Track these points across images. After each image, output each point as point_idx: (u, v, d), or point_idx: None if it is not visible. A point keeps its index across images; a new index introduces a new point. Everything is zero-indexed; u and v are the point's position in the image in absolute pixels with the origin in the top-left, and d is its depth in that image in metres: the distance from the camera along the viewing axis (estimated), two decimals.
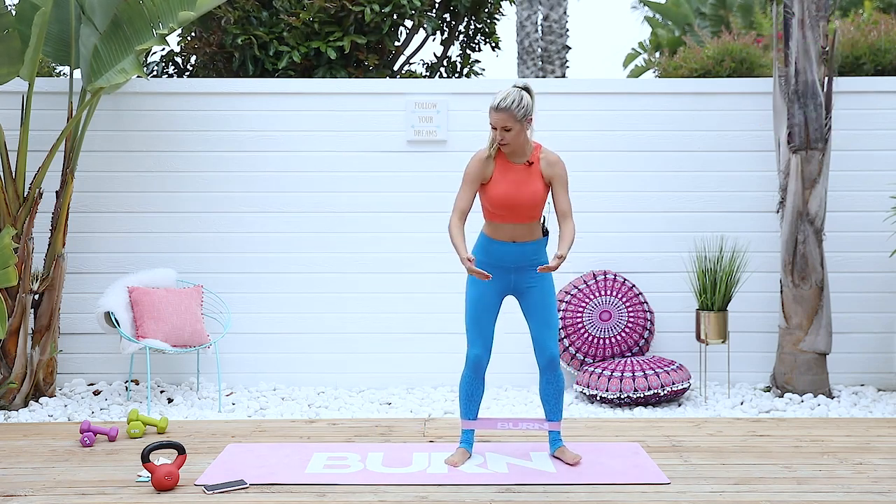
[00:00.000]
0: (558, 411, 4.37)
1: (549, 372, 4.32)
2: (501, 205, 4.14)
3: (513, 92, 4.06)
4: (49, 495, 3.87)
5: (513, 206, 4.13)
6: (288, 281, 6.26)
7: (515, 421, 4.40)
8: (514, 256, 4.20)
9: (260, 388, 6.14)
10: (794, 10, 5.88)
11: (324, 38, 6.89)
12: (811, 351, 5.85)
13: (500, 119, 4.05)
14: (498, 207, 4.15)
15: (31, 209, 5.63)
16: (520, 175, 4.16)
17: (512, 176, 4.15)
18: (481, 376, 4.31)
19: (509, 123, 4.05)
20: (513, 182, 4.14)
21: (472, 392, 4.32)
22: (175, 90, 6.29)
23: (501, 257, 4.21)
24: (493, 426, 4.40)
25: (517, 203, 4.13)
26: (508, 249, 4.20)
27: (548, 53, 13.36)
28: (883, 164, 6.25)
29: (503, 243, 4.20)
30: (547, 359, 4.29)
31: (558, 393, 4.35)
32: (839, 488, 3.95)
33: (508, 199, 4.12)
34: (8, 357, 5.56)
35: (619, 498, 3.84)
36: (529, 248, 4.21)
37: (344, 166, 6.28)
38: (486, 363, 4.30)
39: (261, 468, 4.22)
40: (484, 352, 4.28)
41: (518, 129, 4.07)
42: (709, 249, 6.14)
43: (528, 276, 4.24)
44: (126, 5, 5.66)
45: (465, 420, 4.37)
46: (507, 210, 4.15)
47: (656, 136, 6.31)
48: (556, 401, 4.35)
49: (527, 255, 4.21)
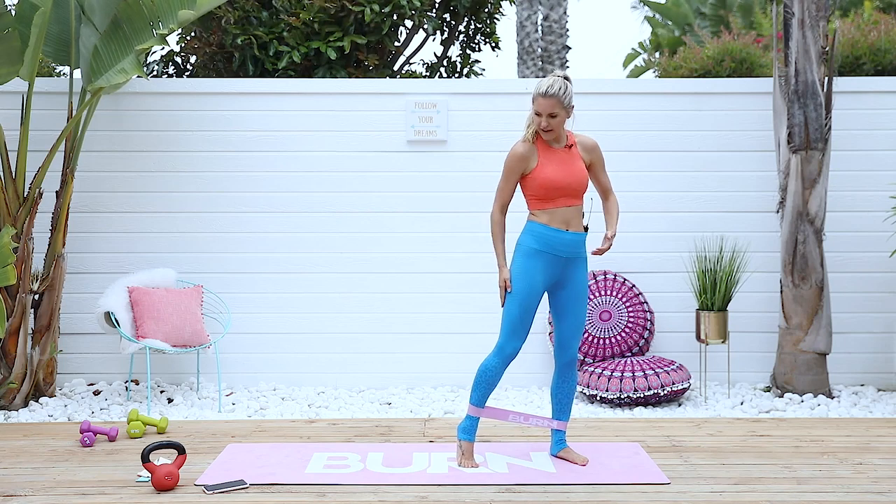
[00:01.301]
0: (567, 411, 4.37)
1: (566, 371, 4.32)
2: (555, 186, 4.16)
3: (558, 80, 4.14)
4: (49, 495, 3.87)
5: (565, 185, 4.17)
6: (288, 281, 6.26)
7: (526, 416, 4.40)
8: (568, 245, 4.20)
9: (260, 388, 6.14)
10: (794, 10, 5.88)
11: (324, 38, 6.89)
12: (811, 351, 5.85)
13: (549, 105, 4.11)
14: (551, 189, 4.17)
15: (31, 209, 5.63)
16: (563, 157, 4.22)
17: (556, 158, 4.21)
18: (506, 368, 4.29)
19: (556, 110, 4.12)
20: (560, 164, 4.19)
21: (493, 381, 4.27)
22: (175, 90, 6.29)
23: (557, 245, 4.19)
24: (504, 417, 4.38)
25: (567, 182, 4.17)
26: (563, 238, 4.19)
27: (548, 53, 13.36)
28: (883, 164, 6.25)
29: (559, 231, 4.19)
30: (568, 359, 4.30)
31: (570, 393, 4.35)
32: (839, 488, 3.95)
33: (560, 179, 4.16)
34: (8, 357, 5.56)
35: (619, 498, 3.84)
36: (580, 239, 4.22)
37: (344, 166, 6.28)
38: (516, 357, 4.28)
39: (261, 468, 4.22)
40: (521, 345, 4.25)
41: (563, 116, 4.16)
42: (709, 249, 6.14)
43: (572, 270, 4.24)
44: (126, 5, 5.66)
45: (477, 407, 4.29)
46: (561, 191, 4.17)
47: (656, 136, 6.31)
48: (567, 401, 4.36)
49: (577, 246, 4.22)
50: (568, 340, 4.29)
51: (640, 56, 17.98)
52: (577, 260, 4.24)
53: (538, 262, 4.19)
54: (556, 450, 4.40)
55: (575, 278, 4.25)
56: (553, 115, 4.12)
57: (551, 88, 4.12)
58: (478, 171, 6.20)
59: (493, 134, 6.24)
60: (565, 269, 4.23)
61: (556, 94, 4.11)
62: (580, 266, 4.25)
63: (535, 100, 4.14)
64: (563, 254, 4.20)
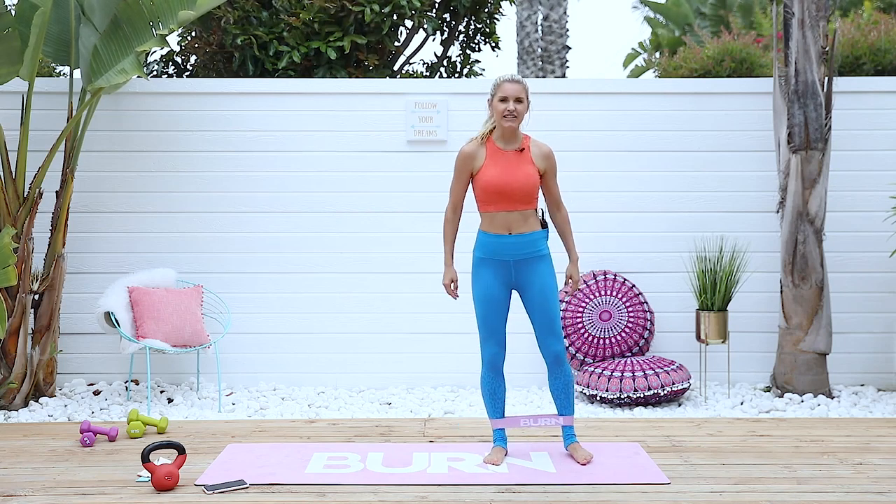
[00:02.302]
0: (569, 405, 4.36)
1: (556, 367, 4.31)
2: (494, 189, 4.16)
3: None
4: (49, 495, 3.87)
5: (506, 190, 4.16)
6: (288, 281, 6.26)
7: (535, 417, 4.42)
8: (512, 248, 4.19)
9: (260, 388, 6.14)
10: (794, 10, 5.88)
11: (324, 38, 6.89)
12: (811, 351, 5.85)
13: (516, 90, 4.16)
14: (490, 193, 4.17)
15: (31, 209, 5.63)
16: (511, 160, 4.20)
17: (503, 162, 4.20)
18: (500, 374, 4.33)
19: (522, 95, 4.17)
20: (504, 167, 4.18)
21: (495, 390, 4.33)
22: (175, 90, 6.29)
23: (499, 250, 4.20)
24: (516, 424, 4.41)
25: (510, 187, 4.15)
26: (506, 241, 4.19)
27: (548, 53, 13.36)
28: (883, 164, 6.25)
29: (500, 236, 4.20)
30: (552, 355, 4.29)
31: (566, 387, 4.34)
32: (839, 488, 3.95)
33: (501, 183, 4.15)
34: (8, 357, 5.56)
35: (619, 498, 3.84)
36: (527, 240, 4.20)
37: (344, 166, 6.28)
38: (502, 360, 4.31)
39: (261, 468, 4.22)
40: (499, 350, 4.28)
41: (525, 106, 4.19)
42: (709, 249, 6.14)
43: (528, 271, 4.22)
44: (126, 5, 5.66)
45: (493, 419, 4.38)
46: (500, 195, 4.17)
47: (656, 136, 6.31)
48: (565, 395, 4.35)
49: (525, 247, 4.20)
50: (544, 338, 4.28)
51: (640, 56, 17.99)
52: (532, 260, 4.22)
53: (486, 269, 4.23)
54: (566, 444, 4.43)
55: (533, 278, 4.23)
56: (519, 100, 4.16)
57: (516, 76, 4.20)
58: None
59: None
60: (519, 271, 4.23)
61: (521, 80, 4.19)
62: (538, 265, 4.23)
63: (500, 86, 4.18)
64: (510, 257, 4.21)
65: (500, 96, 4.17)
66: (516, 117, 4.16)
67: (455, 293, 4.35)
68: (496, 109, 4.19)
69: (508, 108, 4.14)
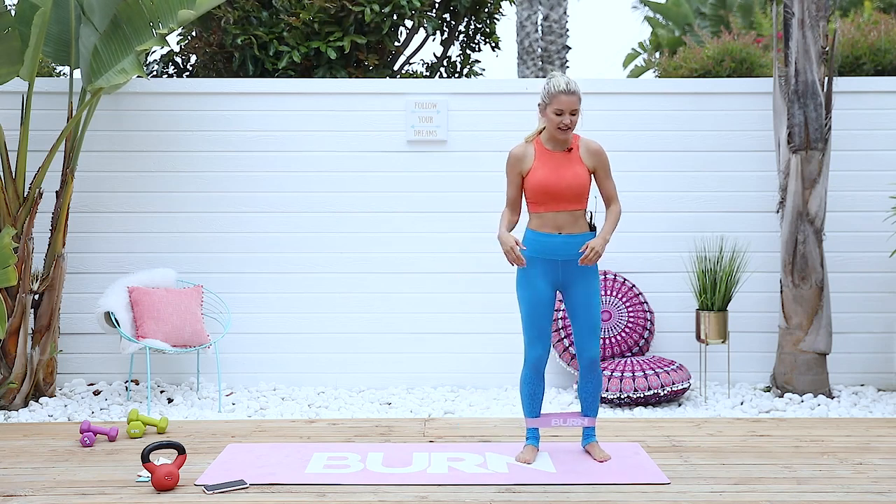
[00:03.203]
0: (593, 409, 4.39)
1: (589, 372, 4.33)
2: (543, 190, 4.14)
3: (570, 77, 4.12)
4: (49, 495, 3.87)
5: (554, 190, 4.14)
6: (288, 281, 6.26)
7: (564, 417, 4.44)
8: (560, 248, 4.18)
9: (260, 388, 6.14)
10: (794, 10, 5.88)
11: (324, 38, 6.89)
12: (811, 351, 5.85)
13: (572, 102, 4.09)
14: (540, 194, 4.16)
15: (31, 209, 5.63)
16: (560, 161, 4.18)
17: (552, 163, 4.18)
18: (541, 375, 4.32)
19: (577, 107, 4.11)
20: (553, 168, 4.16)
21: (534, 391, 4.33)
22: (175, 90, 6.29)
23: (548, 249, 4.19)
24: (547, 424, 4.43)
25: (559, 188, 4.14)
26: (555, 241, 4.18)
27: (548, 53, 13.35)
28: (883, 164, 6.25)
29: (549, 235, 4.18)
30: (587, 360, 4.30)
31: (595, 391, 4.37)
32: (839, 488, 3.95)
33: (550, 184, 4.13)
34: (8, 357, 5.56)
35: (619, 498, 3.84)
36: (577, 241, 4.18)
37: (344, 166, 6.28)
38: (545, 362, 4.31)
39: (261, 468, 4.22)
40: (544, 352, 4.27)
41: (578, 116, 4.14)
42: (709, 249, 6.14)
43: (575, 272, 4.21)
44: (126, 5, 5.66)
45: (530, 419, 4.39)
46: (549, 195, 4.15)
47: (656, 136, 6.31)
48: (592, 398, 4.38)
49: (574, 248, 4.18)
50: (583, 341, 4.28)
51: (640, 56, 17.98)
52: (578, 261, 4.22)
53: (534, 268, 4.21)
54: (584, 443, 4.45)
55: (580, 279, 4.22)
56: (574, 112, 4.10)
57: (573, 85, 4.09)
58: (478, 171, 6.20)
59: (493, 134, 6.24)
60: (566, 272, 4.22)
61: (577, 90, 4.10)
62: (585, 267, 4.21)
63: (556, 97, 4.07)
64: (559, 257, 4.20)
65: (555, 108, 4.09)
66: (570, 129, 4.13)
67: (521, 257, 4.06)
68: (550, 120, 4.13)
69: (564, 121, 4.09)
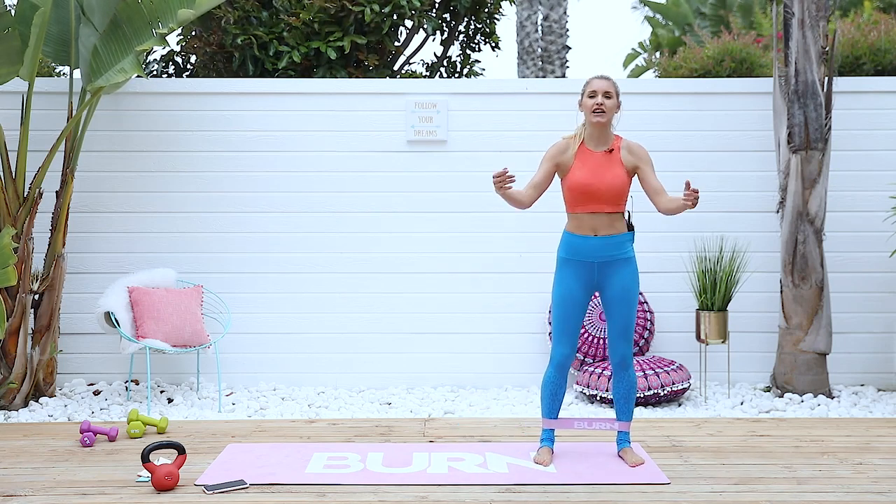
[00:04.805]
0: (628, 411, 4.35)
1: (620, 371, 4.31)
2: (581, 190, 4.15)
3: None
4: (49, 495, 3.87)
5: (592, 191, 4.15)
6: (288, 281, 6.26)
7: (589, 420, 4.42)
8: (597, 250, 4.18)
9: (260, 388, 6.14)
10: (794, 10, 5.88)
11: (324, 38, 6.89)
12: (811, 351, 5.85)
13: (605, 85, 4.19)
14: (577, 194, 4.17)
15: (31, 209, 5.63)
16: (600, 162, 4.19)
17: (592, 163, 4.19)
18: (565, 375, 4.32)
19: (611, 90, 4.18)
20: (592, 169, 4.17)
21: (556, 391, 4.32)
22: (175, 90, 6.29)
23: (584, 251, 4.19)
24: (570, 425, 4.41)
25: (597, 189, 4.14)
26: (591, 243, 4.18)
27: (548, 53, 13.35)
28: (883, 164, 6.25)
29: (585, 237, 4.19)
30: (619, 358, 4.29)
31: (628, 392, 4.32)
32: (839, 488, 3.95)
33: (587, 184, 4.14)
34: (8, 357, 5.56)
35: (619, 498, 3.84)
36: (613, 242, 4.19)
37: (344, 166, 6.28)
38: (571, 361, 4.30)
39: (261, 468, 4.22)
40: (571, 352, 4.27)
41: (614, 104, 4.19)
42: (709, 249, 6.14)
43: (611, 272, 4.21)
44: (126, 5, 5.66)
45: (547, 419, 4.37)
46: (587, 196, 4.16)
47: (656, 136, 6.30)
48: (626, 400, 4.33)
49: (610, 249, 4.19)
50: (614, 342, 4.28)
51: (640, 56, 17.99)
52: (617, 262, 4.20)
53: (569, 269, 4.22)
54: (618, 449, 4.41)
55: (616, 280, 4.22)
56: (608, 95, 4.16)
57: (607, 74, 4.24)
58: (478, 171, 6.19)
59: (493, 134, 6.24)
60: (603, 273, 4.22)
61: (609, 77, 4.22)
62: (622, 267, 4.21)
63: (589, 83, 4.22)
64: (594, 258, 4.19)
65: (588, 91, 4.19)
66: (605, 112, 4.15)
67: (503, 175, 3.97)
68: (585, 106, 4.21)
69: (597, 101, 4.15)
